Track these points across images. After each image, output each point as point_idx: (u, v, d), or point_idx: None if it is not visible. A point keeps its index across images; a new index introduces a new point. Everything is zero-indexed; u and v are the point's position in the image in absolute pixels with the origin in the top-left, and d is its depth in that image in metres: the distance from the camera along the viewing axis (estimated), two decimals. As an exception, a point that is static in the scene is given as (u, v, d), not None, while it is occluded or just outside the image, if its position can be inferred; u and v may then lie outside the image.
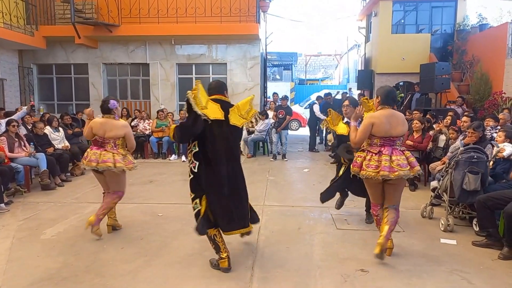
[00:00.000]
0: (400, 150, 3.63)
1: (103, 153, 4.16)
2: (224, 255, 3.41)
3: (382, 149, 3.56)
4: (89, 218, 4.16)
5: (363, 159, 3.64)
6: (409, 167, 3.52)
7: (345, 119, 4.37)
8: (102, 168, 4.12)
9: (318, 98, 11.89)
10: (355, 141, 3.67)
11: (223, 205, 3.38)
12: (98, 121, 4.25)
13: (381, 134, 3.55)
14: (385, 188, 3.67)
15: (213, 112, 3.32)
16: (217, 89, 3.55)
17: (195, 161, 3.35)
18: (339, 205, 4.96)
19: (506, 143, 4.73)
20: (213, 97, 3.45)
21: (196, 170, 3.34)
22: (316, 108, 11.02)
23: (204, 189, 3.37)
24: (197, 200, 3.39)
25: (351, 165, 3.77)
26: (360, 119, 3.97)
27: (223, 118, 3.35)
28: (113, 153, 4.19)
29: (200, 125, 3.25)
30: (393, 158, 3.50)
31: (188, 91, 3.29)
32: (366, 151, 3.67)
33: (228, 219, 3.40)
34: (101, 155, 4.14)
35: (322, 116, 10.52)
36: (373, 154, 3.58)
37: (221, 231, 3.46)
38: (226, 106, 3.44)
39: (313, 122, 11.13)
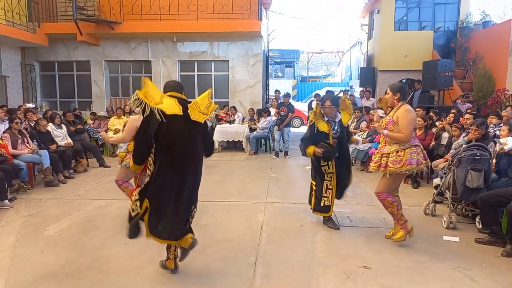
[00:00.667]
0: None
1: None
2: (171, 255, 3.24)
3: (417, 141, 3.88)
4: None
5: (417, 155, 3.76)
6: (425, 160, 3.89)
7: (326, 118, 4.44)
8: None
9: (316, 95, 11.95)
10: (408, 136, 3.71)
11: (166, 213, 3.00)
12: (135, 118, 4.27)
13: (413, 130, 3.77)
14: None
15: (170, 107, 2.94)
16: (175, 87, 3.19)
17: (154, 164, 2.99)
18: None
19: (509, 138, 4.70)
20: (169, 93, 3.12)
21: (152, 173, 3.00)
22: (314, 105, 11.03)
23: (150, 193, 3.00)
24: (138, 203, 3.04)
25: (404, 165, 3.72)
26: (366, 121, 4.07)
27: (181, 113, 2.98)
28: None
29: (155, 123, 2.86)
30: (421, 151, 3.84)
31: (137, 90, 2.92)
32: (412, 146, 3.77)
33: (169, 228, 3.02)
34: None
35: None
36: (419, 147, 3.82)
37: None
38: (183, 102, 3.07)
39: None
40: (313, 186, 4.54)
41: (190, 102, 3.15)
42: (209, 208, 5.19)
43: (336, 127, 4.38)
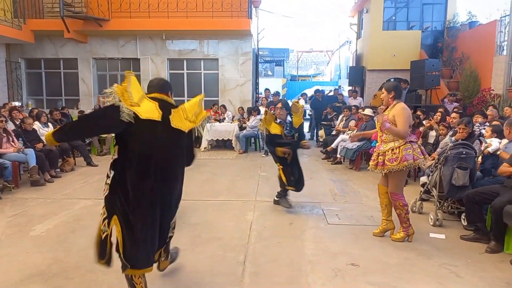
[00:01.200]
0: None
1: None
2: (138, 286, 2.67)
3: (413, 137, 3.93)
4: None
5: (412, 150, 3.81)
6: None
7: (278, 120, 4.95)
8: None
9: (303, 94, 12.08)
10: (405, 132, 3.80)
11: (137, 237, 2.56)
12: None
13: (411, 122, 3.92)
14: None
15: (147, 110, 2.54)
16: (159, 87, 2.78)
17: (112, 171, 2.58)
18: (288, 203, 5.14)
19: (493, 139, 4.80)
20: (152, 95, 2.72)
21: (110, 182, 2.58)
22: (301, 103, 11.15)
23: (117, 209, 2.58)
24: (106, 222, 2.61)
25: (400, 162, 3.77)
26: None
27: (159, 119, 2.56)
28: None
29: (114, 121, 2.47)
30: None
31: (115, 84, 2.63)
32: (407, 142, 3.81)
33: (142, 254, 2.61)
34: None
35: (307, 111, 10.92)
36: (415, 143, 3.88)
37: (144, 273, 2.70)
38: (166, 106, 2.67)
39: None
40: (280, 166, 5.04)
41: (176, 107, 2.75)
42: (199, 207, 5.17)
43: (287, 128, 4.97)
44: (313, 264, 3.52)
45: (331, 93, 13.27)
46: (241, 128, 10.19)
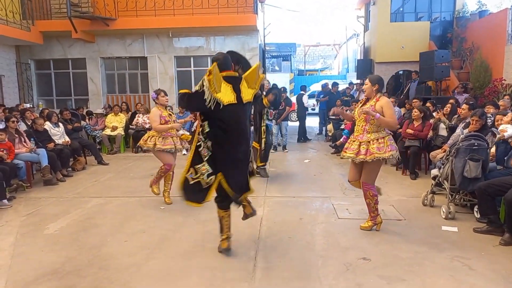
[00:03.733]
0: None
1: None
2: (224, 236, 3.57)
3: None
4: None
5: (392, 142, 3.97)
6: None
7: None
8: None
9: (303, 87, 12.16)
10: (396, 122, 4.12)
11: (235, 181, 3.47)
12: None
13: None
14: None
15: (226, 96, 3.27)
16: (224, 65, 3.36)
17: (209, 140, 3.35)
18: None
19: (508, 125, 4.67)
20: (224, 74, 3.33)
21: (212, 149, 3.35)
22: (305, 98, 11.52)
23: (218, 168, 3.38)
24: (213, 177, 3.38)
25: (387, 151, 3.88)
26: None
27: (235, 101, 3.31)
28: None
29: (203, 103, 3.20)
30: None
31: (205, 76, 3.20)
32: (389, 134, 3.99)
33: (239, 189, 3.52)
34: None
35: (310, 106, 11.19)
36: (392, 136, 4.04)
37: (230, 214, 3.60)
38: (235, 83, 3.37)
39: (302, 113, 11.25)
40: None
41: (241, 79, 3.42)
42: (209, 204, 5.16)
43: None
44: (324, 259, 3.52)
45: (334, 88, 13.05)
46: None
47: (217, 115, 3.27)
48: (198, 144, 3.38)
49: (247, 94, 3.43)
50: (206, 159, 3.36)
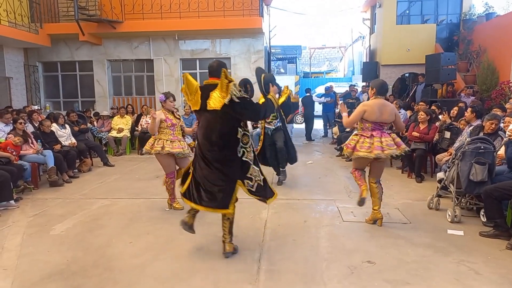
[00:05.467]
0: (387, 133, 4.27)
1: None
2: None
3: (373, 133, 4.21)
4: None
5: (356, 142, 4.26)
6: (395, 146, 4.18)
7: None
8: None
9: (307, 90, 12.47)
10: (346, 123, 4.55)
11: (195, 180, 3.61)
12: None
13: (372, 119, 4.19)
14: (372, 164, 4.37)
15: (193, 104, 3.52)
16: (210, 73, 3.49)
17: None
18: None
19: None
20: (206, 82, 3.48)
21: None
22: (314, 97, 12.28)
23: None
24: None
25: (345, 147, 4.42)
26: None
27: (198, 108, 3.43)
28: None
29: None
30: (383, 139, 4.17)
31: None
32: (359, 135, 4.29)
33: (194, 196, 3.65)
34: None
35: (322, 100, 11.92)
36: (366, 138, 4.21)
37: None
38: (206, 92, 3.37)
39: (310, 114, 11.94)
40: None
41: (215, 87, 3.34)
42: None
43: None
44: (329, 262, 3.51)
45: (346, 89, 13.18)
46: (255, 127, 10.19)
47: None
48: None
49: (215, 102, 3.29)
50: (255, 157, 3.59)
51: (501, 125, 5.47)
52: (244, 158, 3.45)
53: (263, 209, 5.06)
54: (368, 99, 4.53)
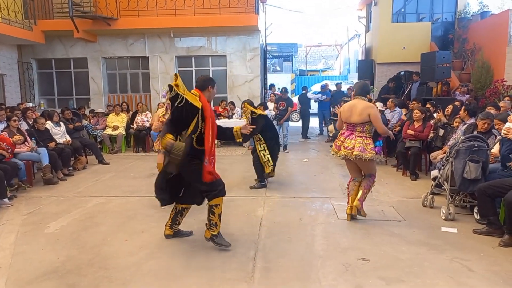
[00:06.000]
0: (360, 136, 4.26)
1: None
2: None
3: (345, 132, 4.39)
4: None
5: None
6: (354, 149, 4.20)
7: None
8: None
9: (304, 88, 12.54)
10: (337, 126, 4.78)
11: None
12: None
13: (344, 120, 4.41)
14: (348, 164, 4.56)
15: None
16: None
17: None
18: None
19: None
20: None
21: None
22: (310, 94, 12.36)
23: None
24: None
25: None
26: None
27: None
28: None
29: None
30: (346, 140, 4.31)
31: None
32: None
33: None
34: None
35: (316, 97, 11.98)
36: (341, 136, 4.41)
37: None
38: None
39: (306, 112, 12.00)
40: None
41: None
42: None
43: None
44: (324, 259, 3.52)
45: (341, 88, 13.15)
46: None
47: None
48: None
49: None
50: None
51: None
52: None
53: (259, 207, 5.08)
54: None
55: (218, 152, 9.42)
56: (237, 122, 10.12)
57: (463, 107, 6.04)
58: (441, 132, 6.56)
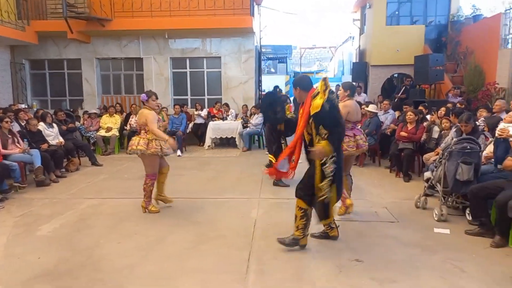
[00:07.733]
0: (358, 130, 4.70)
1: (133, 138, 4.86)
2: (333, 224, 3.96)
3: (354, 131, 4.56)
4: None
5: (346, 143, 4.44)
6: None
7: None
8: (129, 151, 4.84)
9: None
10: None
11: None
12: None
13: (354, 119, 4.53)
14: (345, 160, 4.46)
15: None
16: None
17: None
18: None
19: (510, 125, 4.60)
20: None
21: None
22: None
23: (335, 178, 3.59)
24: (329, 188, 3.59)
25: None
26: None
27: None
28: (140, 138, 4.76)
29: None
30: (358, 137, 4.57)
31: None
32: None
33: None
34: (132, 140, 4.84)
35: None
36: (350, 137, 4.48)
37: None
38: None
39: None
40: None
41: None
42: (203, 205, 5.20)
43: None
44: (317, 261, 3.53)
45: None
46: (245, 126, 10.20)
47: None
48: (322, 161, 3.56)
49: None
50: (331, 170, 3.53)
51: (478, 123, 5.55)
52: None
53: (253, 208, 5.08)
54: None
55: (212, 154, 9.43)
56: (231, 124, 10.13)
57: (451, 111, 6.18)
58: (435, 133, 6.61)
